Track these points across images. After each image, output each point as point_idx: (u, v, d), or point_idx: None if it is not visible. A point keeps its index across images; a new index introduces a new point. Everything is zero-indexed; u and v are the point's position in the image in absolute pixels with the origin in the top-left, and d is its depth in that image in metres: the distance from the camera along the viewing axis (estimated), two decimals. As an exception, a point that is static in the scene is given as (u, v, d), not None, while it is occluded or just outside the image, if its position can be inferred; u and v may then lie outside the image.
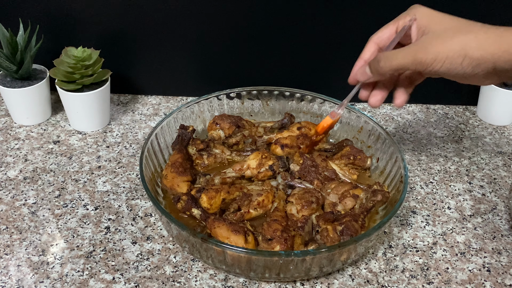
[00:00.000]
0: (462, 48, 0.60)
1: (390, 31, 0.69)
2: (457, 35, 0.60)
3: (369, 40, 0.71)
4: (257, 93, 0.92)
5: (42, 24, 0.94)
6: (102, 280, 0.68)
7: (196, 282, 0.68)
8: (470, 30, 0.61)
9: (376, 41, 0.70)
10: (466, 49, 0.59)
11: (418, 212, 0.80)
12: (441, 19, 0.64)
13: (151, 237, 0.75)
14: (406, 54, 0.63)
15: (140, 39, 0.99)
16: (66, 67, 0.89)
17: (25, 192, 0.82)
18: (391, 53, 0.65)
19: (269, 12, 0.95)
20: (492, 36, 0.59)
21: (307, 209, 0.73)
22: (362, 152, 0.83)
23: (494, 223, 0.79)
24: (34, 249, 0.72)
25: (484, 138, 0.97)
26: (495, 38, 0.59)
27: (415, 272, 0.71)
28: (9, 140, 0.93)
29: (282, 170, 0.80)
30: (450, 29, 0.62)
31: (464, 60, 0.60)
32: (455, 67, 0.60)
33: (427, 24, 0.64)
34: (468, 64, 0.60)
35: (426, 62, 0.61)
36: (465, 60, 0.60)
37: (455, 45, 0.60)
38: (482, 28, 0.61)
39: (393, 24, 0.69)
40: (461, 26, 0.62)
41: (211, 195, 0.73)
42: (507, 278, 0.70)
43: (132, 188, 0.83)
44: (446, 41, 0.60)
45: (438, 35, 0.62)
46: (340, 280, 0.69)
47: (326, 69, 1.02)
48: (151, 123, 0.99)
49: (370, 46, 0.71)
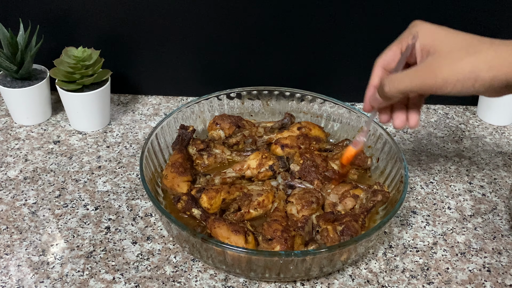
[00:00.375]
0: (472, 71, 0.57)
1: (395, 52, 0.66)
2: (465, 56, 0.57)
3: (375, 65, 0.68)
4: (257, 93, 0.92)
5: (42, 24, 0.94)
6: (102, 280, 0.68)
7: (196, 282, 0.68)
8: (478, 49, 0.57)
9: (381, 64, 0.67)
10: (477, 71, 0.56)
11: (418, 212, 0.80)
12: (445, 37, 0.61)
13: (151, 237, 0.75)
14: (413, 78, 0.60)
15: (140, 39, 0.99)
16: (66, 67, 0.89)
17: (25, 192, 0.82)
18: (397, 77, 0.62)
19: (269, 12, 0.95)
20: (503, 54, 0.56)
21: (307, 209, 0.73)
22: (362, 152, 0.83)
23: (494, 223, 0.79)
24: (34, 249, 0.72)
25: (484, 138, 0.97)
26: (506, 57, 0.56)
27: (415, 272, 0.71)
28: (9, 140, 0.93)
29: (282, 170, 0.80)
30: (458, 49, 0.58)
31: (476, 82, 0.57)
32: (467, 89, 0.58)
33: (431, 43, 0.61)
34: (481, 85, 0.57)
35: (435, 86, 0.58)
36: (477, 82, 0.57)
37: (465, 68, 0.57)
38: (491, 46, 0.58)
39: (396, 46, 0.66)
40: (468, 45, 0.59)
41: (211, 195, 0.73)
42: (507, 278, 0.70)
43: (132, 188, 0.83)
44: (455, 64, 0.57)
45: (445, 56, 0.59)
46: (340, 280, 0.69)
47: (326, 69, 1.02)
48: (151, 123, 0.99)
49: (377, 70, 0.67)
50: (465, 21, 0.93)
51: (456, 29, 0.62)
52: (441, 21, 0.87)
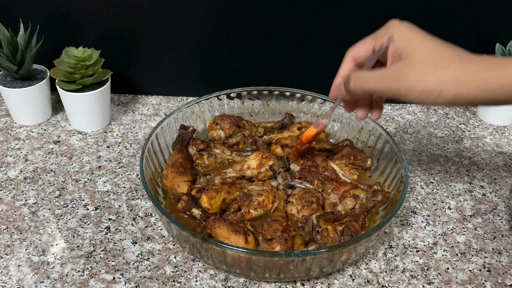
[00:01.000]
0: (437, 85, 0.57)
1: (367, 48, 0.66)
2: (434, 69, 0.58)
3: (346, 55, 0.68)
4: (258, 93, 0.92)
5: (43, 24, 0.94)
6: (102, 280, 0.68)
7: (196, 282, 0.68)
8: (448, 64, 0.58)
9: (353, 56, 0.67)
10: (442, 86, 0.57)
11: (419, 212, 0.80)
12: (419, 44, 0.61)
13: (152, 237, 0.75)
14: (379, 80, 0.61)
15: (140, 39, 0.99)
16: (66, 67, 0.89)
17: (25, 192, 0.82)
18: (363, 75, 0.63)
19: (270, 12, 0.95)
20: (470, 72, 0.57)
21: (307, 209, 0.73)
22: (362, 152, 0.83)
23: (494, 223, 0.79)
24: (35, 249, 0.72)
25: (484, 138, 0.97)
26: (472, 75, 0.57)
27: (416, 272, 0.71)
28: (10, 140, 0.93)
29: (283, 170, 0.80)
30: (428, 60, 0.59)
31: (438, 97, 0.58)
32: (429, 101, 0.59)
33: (405, 48, 0.61)
34: (443, 101, 0.58)
35: (399, 93, 0.59)
36: (440, 96, 0.58)
37: (431, 81, 0.57)
38: (461, 62, 0.58)
39: (370, 41, 0.66)
40: (439, 57, 0.59)
41: (212, 195, 0.73)
42: (508, 278, 0.70)
43: (132, 188, 0.83)
44: (422, 75, 0.58)
45: (415, 65, 0.59)
46: (341, 280, 0.69)
47: (326, 69, 1.02)
48: (152, 123, 0.99)
49: (348, 61, 0.68)
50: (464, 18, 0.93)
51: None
52: (441, 20, 0.86)
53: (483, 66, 0.57)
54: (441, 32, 0.95)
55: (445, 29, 0.95)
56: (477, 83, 0.57)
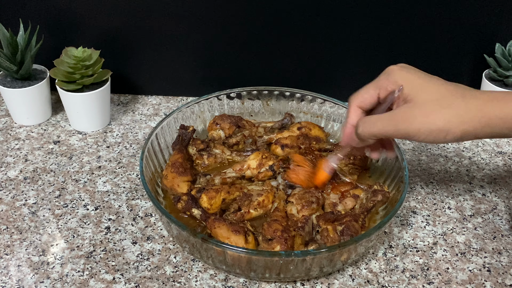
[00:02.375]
0: (445, 125, 0.59)
1: (372, 96, 0.67)
2: (439, 109, 0.60)
3: (351, 103, 0.69)
4: (257, 93, 0.92)
5: (42, 24, 0.94)
6: (102, 280, 0.68)
7: (196, 282, 0.68)
8: (450, 103, 0.60)
9: (359, 105, 0.68)
10: (449, 126, 0.59)
11: (419, 212, 0.80)
12: (420, 87, 0.62)
13: (151, 237, 0.75)
14: (387, 123, 0.63)
15: (140, 39, 0.99)
16: (66, 67, 0.89)
17: (25, 192, 0.82)
18: (371, 119, 0.65)
19: (269, 12, 0.95)
20: (473, 109, 0.59)
21: (307, 209, 0.73)
22: (362, 152, 0.83)
23: (494, 223, 0.79)
24: (35, 249, 0.72)
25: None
26: (475, 112, 0.59)
27: (415, 272, 0.71)
28: (9, 140, 0.93)
29: (283, 170, 0.80)
30: (431, 101, 0.61)
31: (447, 135, 0.60)
32: (439, 140, 0.61)
33: (408, 92, 0.63)
34: (452, 138, 0.60)
35: (408, 134, 0.61)
36: (448, 135, 0.60)
37: (438, 120, 0.60)
38: (463, 100, 0.60)
39: (373, 89, 0.67)
40: (441, 98, 0.61)
41: (211, 195, 0.73)
42: (508, 278, 0.70)
43: (132, 188, 0.83)
44: (429, 115, 0.60)
45: (420, 106, 0.61)
46: (341, 280, 0.69)
47: (326, 69, 1.02)
48: (151, 123, 0.99)
49: (354, 110, 0.68)
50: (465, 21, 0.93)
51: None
52: (441, 20, 0.87)
53: (485, 102, 0.60)
54: (441, 32, 0.95)
55: (445, 29, 0.95)
56: (480, 119, 0.59)
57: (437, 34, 0.96)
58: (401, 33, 0.96)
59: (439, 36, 0.96)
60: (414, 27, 0.95)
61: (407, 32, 0.95)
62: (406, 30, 0.95)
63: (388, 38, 0.97)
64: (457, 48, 0.98)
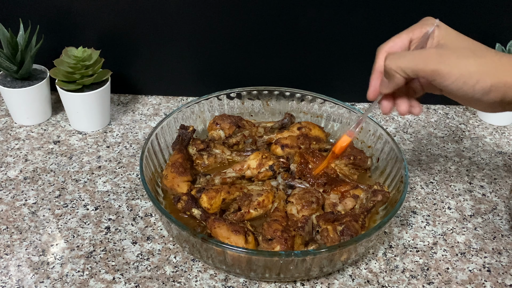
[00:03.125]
0: (477, 71, 0.57)
1: (403, 41, 0.64)
2: (473, 56, 0.58)
3: (380, 50, 0.65)
4: (257, 93, 0.92)
5: (42, 24, 0.94)
6: (102, 280, 0.68)
7: (196, 282, 0.68)
8: (484, 54, 0.58)
9: (388, 50, 0.64)
10: (481, 73, 0.57)
11: (419, 212, 0.80)
12: (456, 36, 0.62)
13: (151, 237, 0.75)
14: (418, 57, 0.59)
15: (140, 39, 0.99)
16: (66, 67, 0.89)
17: (25, 192, 0.82)
18: (400, 54, 0.60)
19: (269, 12, 0.95)
20: (506, 64, 0.58)
21: (307, 209, 0.73)
22: (362, 152, 0.83)
23: (494, 223, 0.79)
24: (34, 249, 0.72)
25: (484, 138, 0.97)
26: (508, 66, 0.57)
27: (415, 272, 0.71)
28: (9, 140, 0.93)
29: (282, 170, 0.80)
30: (466, 48, 0.59)
31: (477, 84, 0.57)
32: (466, 88, 0.57)
33: (442, 36, 0.61)
34: (481, 88, 0.57)
35: (438, 73, 0.57)
36: (478, 84, 0.57)
37: (471, 66, 0.57)
38: (496, 54, 0.59)
39: (406, 34, 0.64)
40: (476, 48, 0.60)
41: (211, 195, 0.73)
42: (507, 278, 0.70)
43: (132, 188, 0.83)
44: (462, 59, 0.57)
45: (455, 50, 0.59)
46: (340, 280, 0.69)
47: (326, 69, 1.02)
48: (151, 123, 0.99)
49: (382, 55, 0.64)
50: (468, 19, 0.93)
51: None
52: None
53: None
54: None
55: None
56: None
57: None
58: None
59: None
60: (414, 27, 0.95)
61: (407, 32, 0.95)
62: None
63: (388, 38, 0.97)
64: (457, 48, 0.97)
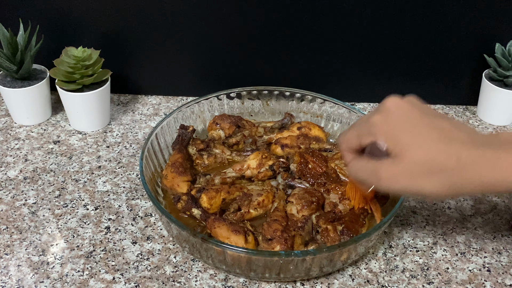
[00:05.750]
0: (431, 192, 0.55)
1: (355, 143, 0.63)
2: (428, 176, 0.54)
3: (341, 147, 0.65)
4: (257, 93, 0.92)
5: (42, 24, 0.94)
6: (102, 280, 0.68)
7: (196, 282, 0.68)
8: (443, 168, 0.54)
9: (347, 150, 0.64)
10: (436, 193, 0.55)
11: (418, 212, 0.80)
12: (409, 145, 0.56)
13: (151, 237, 0.75)
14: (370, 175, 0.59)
15: (140, 39, 0.99)
16: (66, 67, 0.89)
17: (25, 192, 0.82)
18: (357, 165, 0.61)
19: (269, 12, 0.95)
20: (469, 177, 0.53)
21: (307, 209, 0.73)
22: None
23: (494, 223, 0.79)
24: (34, 249, 0.72)
25: (484, 138, 0.97)
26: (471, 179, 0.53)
27: (415, 272, 0.71)
28: (9, 140, 0.93)
29: (282, 170, 0.80)
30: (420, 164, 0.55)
31: (434, 199, 0.61)
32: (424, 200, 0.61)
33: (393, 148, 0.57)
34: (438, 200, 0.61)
35: (390, 192, 0.63)
36: (435, 199, 0.61)
37: (426, 188, 0.55)
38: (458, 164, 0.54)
39: (356, 137, 0.63)
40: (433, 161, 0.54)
41: (211, 195, 0.73)
42: (507, 278, 0.70)
43: (132, 188, 0.83)
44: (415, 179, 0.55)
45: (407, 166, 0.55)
46: (340, 280, 0.69)
47: (326, 69, 1.02)
48: (151, 123, 0.99)
49: (345, 153, 0.65)
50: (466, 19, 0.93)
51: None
52: (441, 20, 0.86)
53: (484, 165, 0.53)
54: (441, 32, 0.95)
55: (445, 29, 0.95)
56: (475, 188, 0.53)
57: (437, 34, 0.96)
58: (402, 33, 0.96)
59: (439, 36, 0.96)
60: (414, 27, 0.95)
61: (407, 32, 0.95)
62: (406, 30, 0.95)
63: (388, 38, 0.97)
64: (457, 48, 0.97)
